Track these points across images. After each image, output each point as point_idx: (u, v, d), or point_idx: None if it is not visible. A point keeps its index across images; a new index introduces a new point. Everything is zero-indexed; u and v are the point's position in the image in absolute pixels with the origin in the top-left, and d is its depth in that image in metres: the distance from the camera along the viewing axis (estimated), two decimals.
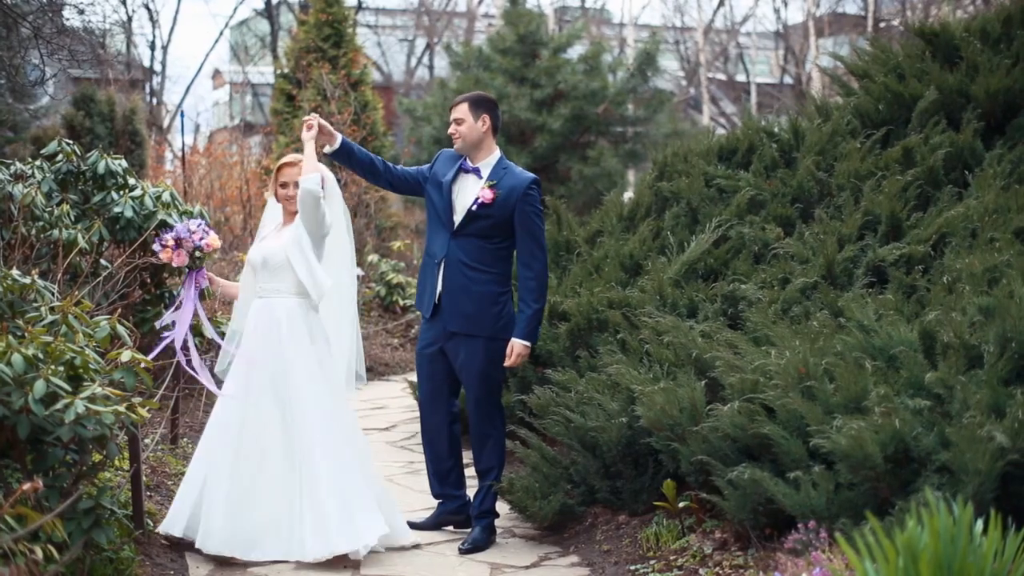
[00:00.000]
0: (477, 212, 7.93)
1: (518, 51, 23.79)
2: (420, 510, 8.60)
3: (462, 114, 8.04)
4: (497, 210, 7.91)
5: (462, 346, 8.01)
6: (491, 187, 7.93)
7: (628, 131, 24.92)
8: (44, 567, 5.17)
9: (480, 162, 8.07)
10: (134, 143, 23.00)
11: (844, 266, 8.04)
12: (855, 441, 5.77)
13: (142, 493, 7.41)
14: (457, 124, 8.05)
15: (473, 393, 8.04)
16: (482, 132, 8.03)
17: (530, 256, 7.92)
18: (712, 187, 9.85)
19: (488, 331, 7.96)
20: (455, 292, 8.00)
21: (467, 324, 7.97)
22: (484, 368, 7.99)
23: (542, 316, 8.09)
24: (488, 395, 8.07)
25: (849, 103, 10.00)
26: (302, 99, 21.46)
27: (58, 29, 12.38)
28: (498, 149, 8.14)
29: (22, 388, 5.84)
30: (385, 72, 45.97)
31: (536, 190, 7.97)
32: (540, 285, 7.94)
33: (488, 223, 7.94)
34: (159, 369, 9.49)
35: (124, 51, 35.44)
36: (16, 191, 8.88)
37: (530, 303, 7.90)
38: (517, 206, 7.89)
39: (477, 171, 8.04)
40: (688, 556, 6.92)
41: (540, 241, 7.97)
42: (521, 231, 7.92)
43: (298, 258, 7.70)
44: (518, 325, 7.90)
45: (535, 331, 7.98)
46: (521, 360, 7.95)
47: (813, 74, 36.18)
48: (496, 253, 7.99)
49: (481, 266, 7.97)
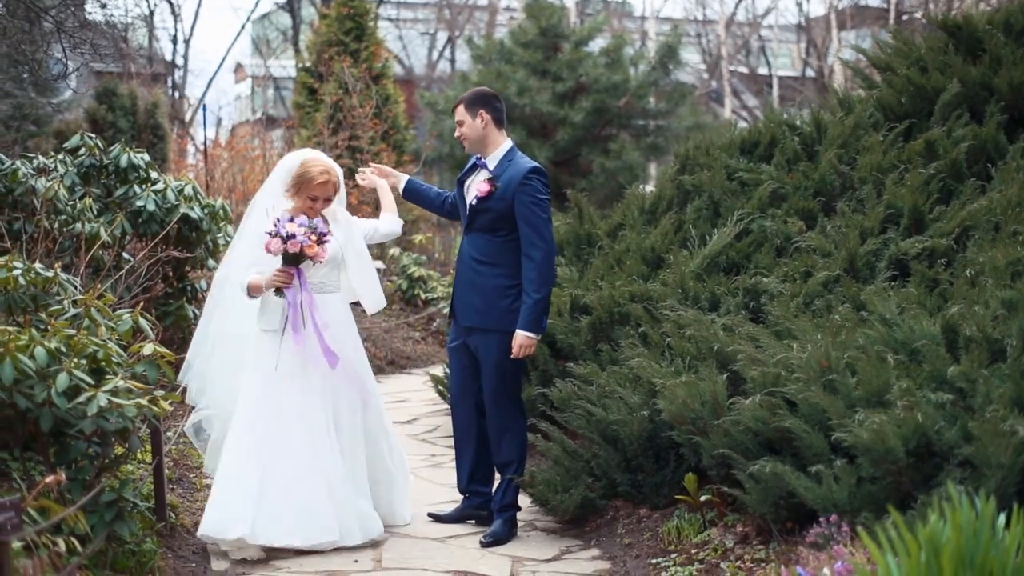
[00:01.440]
0: (477, 206, 7.94)
1: (540, 44, 23.77)
2: (442, 503, 8.61)
3: (461, 116, 8.09)
4: (496, 203, 7.91)
5: (479, 341, 8.02)
6: (490, 180, 7.95)
7: (650, 124, 24.88)
8: (67, 559, 5.20)
9: (489, 156, 8.09)
10: (156, 137, 23.05)
11: (866, 259, 8.01)
12: (877, 435, 5.75)
13: (164, 486, 7.44)
14: (460, 127, 8.12)
15: (490, 386, 8.04)
16: (482, 128, 8.04)
17: (530, 246, 7.89)
18: (734, 180, 9.83)
19: (499, 325, 7.95)
20: (465, 287, 8.05)
21: (477, 318, 7.98)
22: (499, 361, 7.98)
23: (547, 306, 8.02)
24: (505, 388, 8.06)
25: (871, 96, 9.96)
26: (324, 92, 21.46)
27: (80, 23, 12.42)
28: (508, 140, 8.14)
29: (45, 381, 5.86)
30: (406, 65, 45.93)
31: (535, 179, 7.91)
32: (541, 275, 7.88)
33: (490, 216, 7.95)
34: (181, 362, 9.52)
35: (146, 45, 35.50)
36: (39, 185, 8.92)
37: (531, 293, 7.86)
38: (515, 196, 7.86)
39: (486, 165, 8.08)
40: (709, 550, 6.91)
41: (540, 231, 7.89)
42: (520, 221, 7.88)
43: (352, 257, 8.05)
44: (520, 316, 7.88)
45: (539, 321, 7.92)
46: (526, 352, 7.91)
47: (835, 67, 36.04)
48: (504, 247, 7.97)
49: (489, 260, 7.97)
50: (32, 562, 4.70)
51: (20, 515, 4.52)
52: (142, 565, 6.51)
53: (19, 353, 5.82)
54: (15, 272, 7.02)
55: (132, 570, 6.42)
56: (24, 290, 7.09)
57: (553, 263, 8.03)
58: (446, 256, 19.38)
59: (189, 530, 7.73)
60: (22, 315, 7.07)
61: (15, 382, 5.78)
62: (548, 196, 8.01)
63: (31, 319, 6.93)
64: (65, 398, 5.84)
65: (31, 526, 4.94)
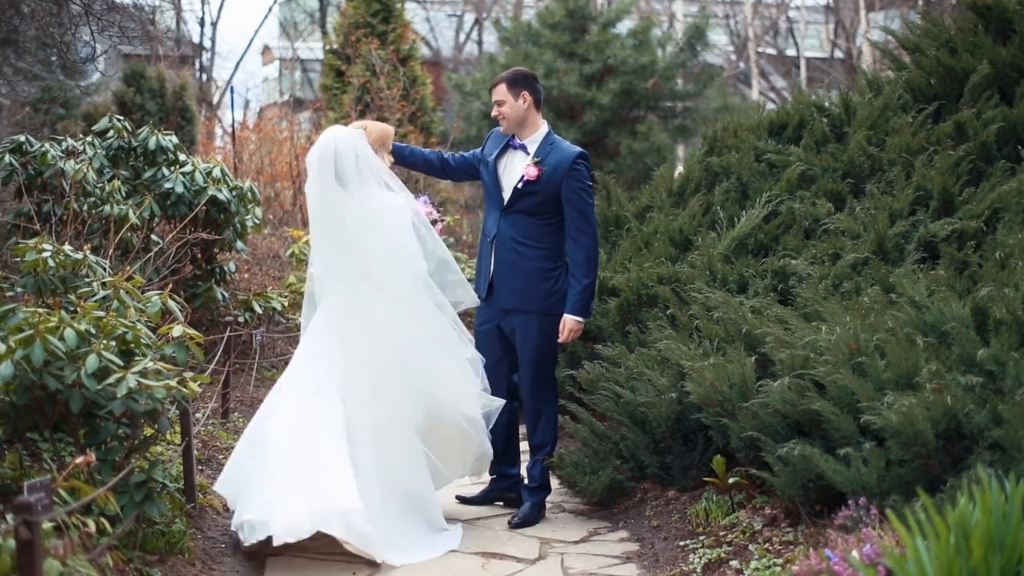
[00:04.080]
0: (523, 189, 7.92)
1: (567, 26, 23.67)
2: (470, 484, 8.62)
3: (502, 95, 8.04)
4: (543, 186, 7.90)
5: (516, 322, 8.01)
6: (536, 164, 7.92)
7: (677, 106, 24.78)
8: (97, 540, 5.22)
9: (527, 138, 8.06)
10: (184, 119, 23.08)
11: (895, 241, 7.98)
12: (906, 418, 5.74)
13: (194, 467, 7.46)
14: (499, 106, 8.05)
15: (527, 369, 8.04)
16: (524, 110, 8.02)
17: (577, 231, 7.90)
18: (762, 162, 9.80)
19: (540, 307, 7.95)
20: (506, 269, 8.01)
21: (519, 300, 7.97)
22: (537, 343, 7.99)
23: (594, 291, 8.07)
24: (541, 371, 8.07)
25: (900, 77, 9.91)
26: (351, 75, 21.45)
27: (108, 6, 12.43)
28: (545, 124, 8.13)
29: (75, 363, 5.89)
30: (434, 47, 45.90)
31: (583, 164, 7.94)
32: (588, 259, 7.90)
33: (535, 200, 7.93)
34: (210, 344, 9.54)
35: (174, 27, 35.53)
36: (68, 167, 8.94)
37: (579, 278, 7.88)
38: (563, 181, 7.87)
39: (524, 148, 8.05)
40: (738, 532, 6.91)
41: (588, 215, 7.93)
42: (568, 206, 7.89)
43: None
44: (568, 300, 7.89)
45: (587, 306, 7.96)
46: (574, 336, 7.94)
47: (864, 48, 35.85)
48: (545, 229, 7.97)
49: (531, 242, 7.96)
50: (63, 542, 4.72)
51: (51, 496, 4.55)
52: (171, 545, 6.53)
53: (49, 335, 5.84)
54: (45, 254, 7.04)
55: (161, 550, 6.44)
56: (54, 272, 7.12)
57: (598, 247, 8.07)
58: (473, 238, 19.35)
59: (218, 511, 7.75)
60: (52, 297, 7.10)
61: (45, 364, 5.80)
62: (592, 181, 8.02)
63: (61, 301, 6.96)
64: (95, 379, 5.87)
65: (61, 507, 4.96)
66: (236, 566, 6.95)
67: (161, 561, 6.38)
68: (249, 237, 12.02)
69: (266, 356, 11.98)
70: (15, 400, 5.92)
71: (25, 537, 4.27)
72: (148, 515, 6.26)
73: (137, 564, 6.10)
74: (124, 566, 5.94)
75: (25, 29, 12.53)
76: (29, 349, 5.78)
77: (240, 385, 11.06)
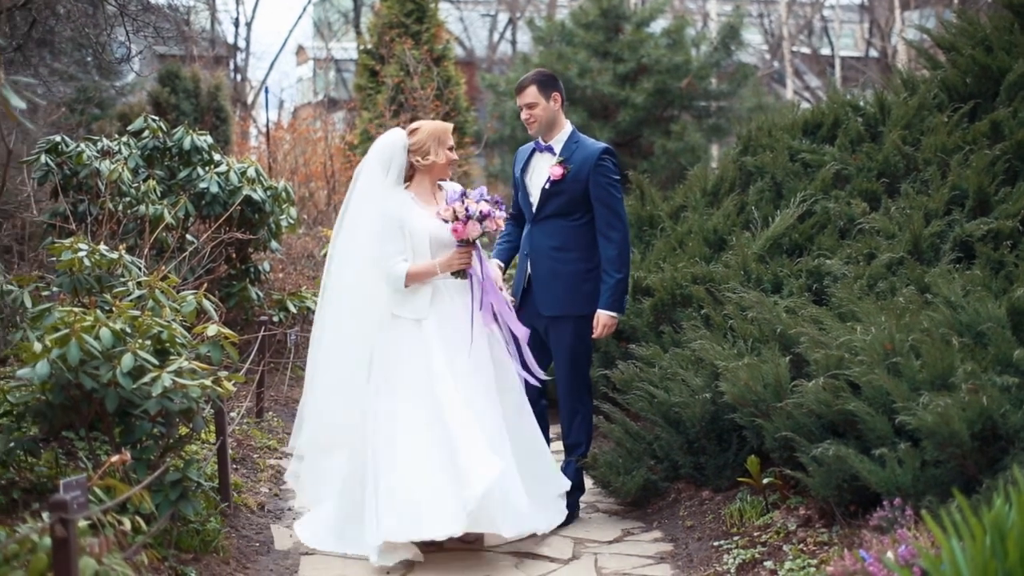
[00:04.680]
0: (551, 190, 7.90)
1: (601, 25, 23.66)
2: None
3: (533, 97, 7.99)
4: (570, 185, 7.88)
5: (551, 324, 7.98)
6: (561, 163, 7.91)
7: (711, 105, 24.75)
8: (132, 538, 5.25)
9: (553, 139, 8.04)
10: (219, 119, 23.17)
11: (931, 241, 7.95)
12: (941, 418, 5.71)
13: (228, 466, 7.49)
14: (530, 109, 8.00)
15: (563, 369, 8.02)
16: (555, 110, 8.01)
17: (607, 227, 7.87)
18: (797, 161, 9.78)
19: (578, 310, 7.93)
20: (546, 278, 7.95)
21: (561, 306, 7.93)
22: (573, 344, 7.97)
23: (627, 286, 8.04)
24: (577, 371, 8.05)
25: (936, 76, 9.87)
26: (385, 75, 21.50)
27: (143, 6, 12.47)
28: (569, 123, 8.12)
29: (110, 362, 5.92)
30: (467, 47, 45.90)
31: (608, 159, 7.92)
32: (621, 254, 7.87)
33: (564, 199, 7.91)
34: (245, 343, 9.57)
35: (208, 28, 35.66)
36: (103, 167, 8.99)
37: (612, 273, 7.85)
38: (590, 177, 7.85)
39: (551, 148, 8.03)
40: (772, 532, 6.89)
41: (617, 210, 7.90)
42: (596, 202, 7.87)
43: None
44: (602, 296, 7.85)
45: (620, 301, 7.93)
46: (608, 331, 7.91)
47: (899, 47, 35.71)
48: (579, 230, 7.94)
49: (566, 246, 7.93)
50: (98, 540, 4.75)
51: (86, 494, 4.57)
52: (206, 544, 6.56)
53: (85, 334, 5.87)
54: (80, 254, 7.08)
55: (196, 549, 6.47)
56: (89, 272, 7.16)
57: (630, 242, 8.05)
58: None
59: (253, 509, 7.77)
60: (87, 296, 7.14)
61: (81, 363, 5.83)
62: (620, 176, 7.99)
63: (96, 300, 7.00)
64: (130, 378, 5.89)
65: (97, 505, 4.98)
66: (270, 565, 6.98)
67: (196, 559, 6.40)
68: (283, 237, 12.04)
69: (300, 356, 12.00)
70: (51, 399, 5.96)
71: (61, 535, 4.29)
72: (183, 514, 6.29)
73: (172, 562, 6.12)
74: (159, 564, 5.96)
75: (61, 30, 12.59)
76: (65, 348, 5.81)
77: (275, 384, 11.10)
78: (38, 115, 15.70)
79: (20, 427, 6.39)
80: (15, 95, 4.47)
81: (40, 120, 15.53)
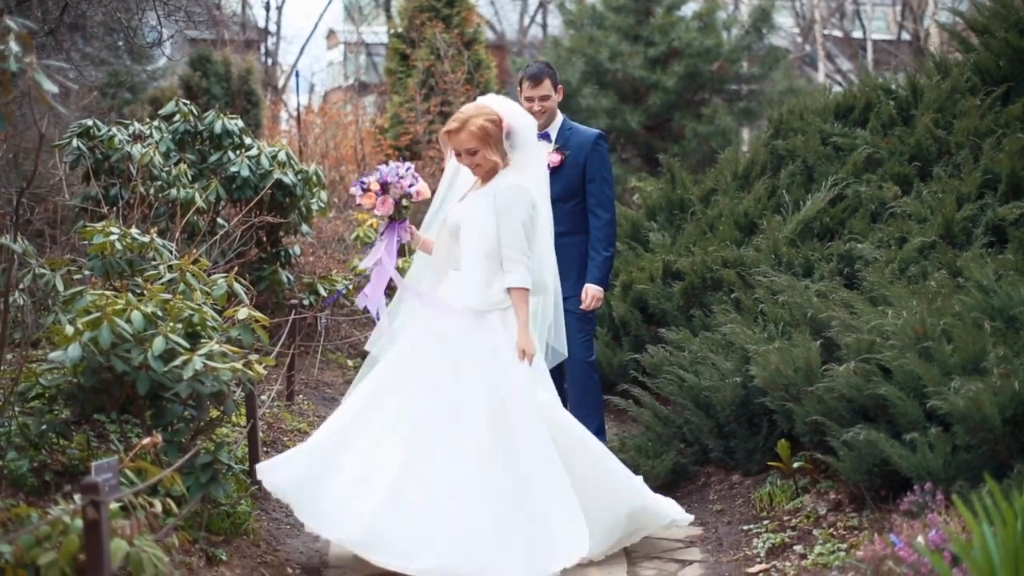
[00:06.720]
0: (550, 177, 7.91)
1: (632, 8, 23.58)
2: None
3: (548, 90, 8.26)
4: (568, 170, 8.17)
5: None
6: (557, 150, 8.20)
7: (743, 89, 24.65)
8: (163, 520, 5.26)
9: (550, 127, 8.32)
10: (250, 103, 23.20)
11: (963, 225, 7.92)
12: (973, 403, 5.70)
13: (259, 449, 7.50)
14: (543, 100, 8.25)
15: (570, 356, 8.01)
16: (559, 100, 8.35)
17: (599, 205, 8.17)
18: (828, 145, 9.75)
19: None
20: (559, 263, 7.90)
21: (573, 288, 7.99)
22: (578, 326, 8.03)
23: (612, 264, 8.31)
24: (583, 355, 8.09)
25: (968, 59, 9.82)
26: (416, 58, 21.48)
27: None
28: (560, 112, 8.38)
29: (141, 345, 5.93)
30: (498, 31, 45.87)
31: (603, 144, 8.26)
32: (611, 233, 8.19)
33: (562, 184, 8.09)
34: (275, 326, 9.59)
35: (239, 12, 35.73)
36: (135, 151, 9.00)
37: (600, 250, 8.13)
38: (588, 158, 8.17)
39: (547, 135, 8.26)
40: (802, 517, 6.88)
41: (608, 192, 8.20)
42: (590, 184, 8.18)
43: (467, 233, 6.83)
44: (590, 271, 8.11)
45: (607, 276, 8.20)
46: (597, 303, 8.10)
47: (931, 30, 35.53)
48: (580, 214, 8.22)
49: (570, 229, 8.14)
50: (129, 522, 4.77)
51: (117, 476, 4.60)
52: (236, 527, 6.57)
53: (116, 317, 5.89)
54: (112, 238, 7.09)
55: (227, 531, 6.48)
56: (121, 255, 7.17)
57: (615, 222, 8.32)
58: None
59: None
60: (119, 280, 7.15)
61: (112, 346, 5.85)
62: (611, 163, 8.34)
63: (127, 284, 7.02)
64: (161, 362, 5.91)
65: (128, 487, 5.01)
66: (300, 547, 6.99)
67: (226, 542, 6.42)
68: (314, 220, 12.03)
69: (331, 339, 12.03)
70: (83, 382, 5.98)
71: (92, 517, 4.31)
72: (213, 496, 6.31)
73: (202, 544, 6.14)
74: (190, 546, 5.98)
75: (92, 14, 12.62)
76: (97, 331, 5.83)
77: (305, 368, 11.10)
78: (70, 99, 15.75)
79: (52, 410, 6.42)
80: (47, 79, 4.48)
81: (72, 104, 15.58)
